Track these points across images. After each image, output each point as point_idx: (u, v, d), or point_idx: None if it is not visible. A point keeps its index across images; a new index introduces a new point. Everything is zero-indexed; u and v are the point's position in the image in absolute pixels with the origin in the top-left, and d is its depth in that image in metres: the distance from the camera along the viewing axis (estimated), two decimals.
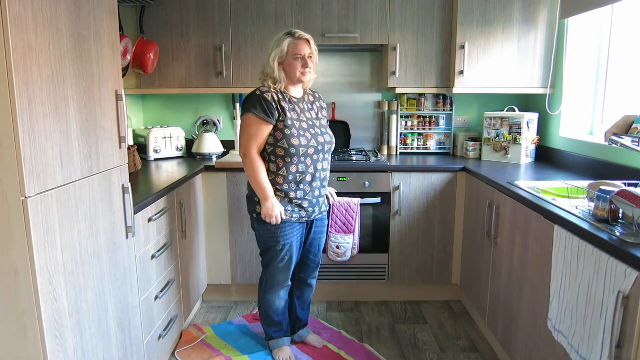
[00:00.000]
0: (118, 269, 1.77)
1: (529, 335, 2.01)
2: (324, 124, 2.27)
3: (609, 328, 1.40)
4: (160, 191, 2.20)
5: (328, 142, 2.24)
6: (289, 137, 2.11)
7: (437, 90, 3.20)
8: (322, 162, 2.24)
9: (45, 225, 1.33)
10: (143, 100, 3.50)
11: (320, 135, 2.21)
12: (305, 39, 2.13)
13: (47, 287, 1.34)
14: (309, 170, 2.19)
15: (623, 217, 1.60)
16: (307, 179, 2.19)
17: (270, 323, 2.43)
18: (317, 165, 2.21)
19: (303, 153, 2.14)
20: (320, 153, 2.20)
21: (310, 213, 2.25)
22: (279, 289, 2.34)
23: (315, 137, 2.18)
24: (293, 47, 2.11)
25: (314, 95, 2.32)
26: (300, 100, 2.22)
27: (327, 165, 2.29)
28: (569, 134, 2.91)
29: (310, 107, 2.26)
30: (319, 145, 2.19)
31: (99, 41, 1.62)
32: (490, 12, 2.98)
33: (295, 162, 2.14)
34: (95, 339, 1.60)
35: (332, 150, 2.31)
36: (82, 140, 1.52)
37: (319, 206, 2.28)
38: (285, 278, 2.32)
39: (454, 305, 3.08)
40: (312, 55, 2.15)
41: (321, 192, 2.27)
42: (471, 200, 2.80)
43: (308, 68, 2.14)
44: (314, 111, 2.26)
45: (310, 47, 2.14)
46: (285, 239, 2.21)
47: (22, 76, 1.23)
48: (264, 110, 2.09)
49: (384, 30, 3.06)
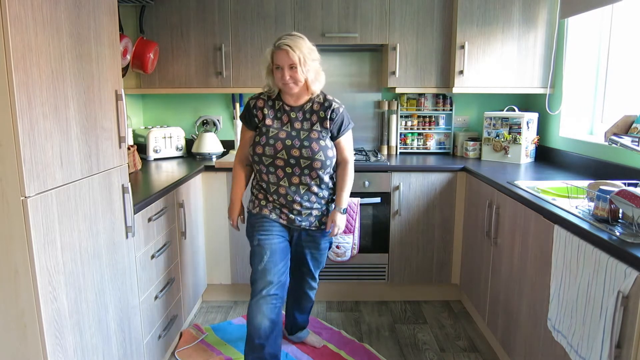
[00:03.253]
0: (118, 269, 1.77)
1: (529, 335, 2.01)
2: (314, 137, 2.04)
3: (609, 328, 1.40)
4: (160, 191, 2.20)
5: (307, 157, 2.02)
6: (254, 146, 2.06)
7: (437, 90, 3.20)
8: (302, 177, 2.06)
9: (45, 225, 1.33)
10: (143, 100, 3.50)
11: (296, 148, 2.02)
12: (284, 49, 1.94)
13: (47, 287, 1.34)
14: (282, 183, 2.07)
15: (623, 217, 1.60)
16: (281, 191, 2.08)
17: (248, 345, 2.07)
18: (293, 180, 2.06)
19: (269, 164, 2.04)
20: (295, 167, 2.04)
21: (292, 220, 2.13)
22: (259, 298, 2.05)
23: (289, 150, 2.02)
24: (274, 57, 1.99)
25: (324, 105, 2.09)
26: (296, 109, 2.08)
27: (309, 181, 2.07)
28: (568, 134, 2.91)
29: (308, 117, 2.08)
30: (290, 159, 2.02)
31: (99, 41, 1.62)
32: (490, 12, 2.98)
33: (264, 171, 2.07)
34: (95, 339, 1.60)
35: (325, 167, 2.07)
36: (82, 140, 1.52)
37: (302, 219, 2.13)
38: (265, 284, 2.06)
39: (454, 305, 3.08)
40: (294, 66, 1.95)
41: (304, 205, 2.11)
42: (471, 200, 2.80)
43: (288, 78, 1.96)
44: (309, 122, 2.07)
45: (291, 56, 1.94)
46: (260, 234, 2.10)
47: (22, 76, 1.23)
48: (244, 115, 2.13)
49: (384, 30, 3.06)
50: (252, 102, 2.10)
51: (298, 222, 2.13)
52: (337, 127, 2.09)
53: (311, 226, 2.17)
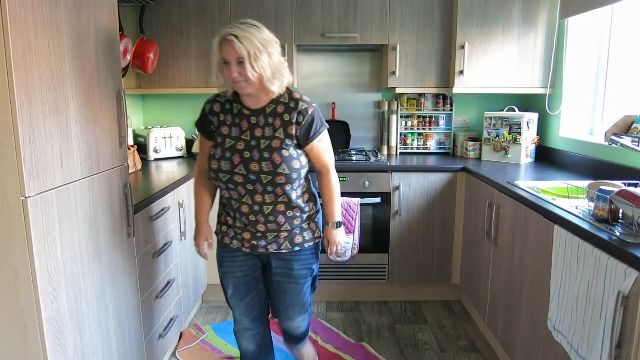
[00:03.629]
0: (118, 269, 1.77)
1: (529, 335, 2.01)
2: (275, 147, 1.68)
3: (609, 328, 1.40)
4: (160, 191, 2.20)
5: (267, 172, 1.68)
6: (209, 160, 1.74)
7: (437, 90, 3.20)
8: (265, 196, 1.73)
9: (45, 225, 1.33)
10: (143, 100, 3.50)
11: (255, 161, 1.68)
12: (229, 40, 1.58)
13: (47, 287, 1.34)
14: (244, 201, 1.75)
15: (623, 217, 1.60)
16: (244, 210, 1.77)
17: None
18: (256, 198, 1.73)
19: (227, 180, 1.72)
20: (257, 184, 1.70)
21: (255, 246, 1.80)
22: (240, 327, 1.98)
23: (247, 164, 1.69)
24: (222, 49, 1.62)
25: (288, 106, 1.71)
26: (256, 112, 1.73)
27: (274, 199, 1.74)
28: (569, 134, 2.91)
29: (270, 122, 1.71)
30: (250, 174, 1.69)
31: (99, 41, 1.62)
32: (490, 12, 2.98)
33: (223, 188, 1.77)
34: (95, 338, 1.60)
35: (291, 181, 1.71)
36: (82, 140, 1.52)
37: (268, 242, 1.80)
38: (240, 316, 1.94)
39: (454, 305, 3.08)
40: (242, 61, 1.58)
41: (269, 227, 1.78)
42: (471, 200, 2.80)
43: (236, 75, 1.61)
44: (271, 128, 1.70)
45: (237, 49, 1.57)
46: (223, 267, 1.89)
47: (22, 76, 1.23)
48: (198, 122, 1.85)
49: (384, 31, 3.06)
50: (208, 107, 1.80)
51: (262, 246, 1.80)
52: (305, 131, 1.72)
53: (280, 248, 1.81)
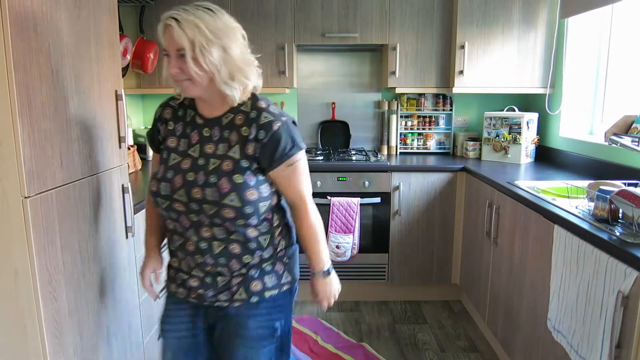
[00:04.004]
0: (118, 269, 1.77)
1: (529, 335, 2.01)
2: (225, 170, 1.26)
3: (609, 328, 1.40)
4: None
5: (212, 202, 1.25)
6: (151, 179, 1.36)
7: (437, 90, 3.20)
8: (213, 229, 1.30)
9: (45, 225, 1.33)
10: (143, 100, 3.50)
11: (198, 187, 1.26)
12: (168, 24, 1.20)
13: (47, 287, 1.33)
14: (189, 236, 1.33)
15: (623, 217, 1.60)
16: (189, 248, 1.35)
17: None
18: (202, 232, 1.31)
19: (166, 207, 1.32)
20: (201, 215, 1.28)
21: (202, 296, 1.37)
22: None
23: (190, 189, 1.27)
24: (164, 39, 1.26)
25: (249, 117, 1.28)
26: (211, 122, 1.32)
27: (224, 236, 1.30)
28: (568, 134, 2.91)
29: (225, 136, 1.29)
30: (192, 203, 1.27)
31: (99, 41, 1.62)
32: (490, 12, 2.98)
33: (165, 216, 1.36)
34: (95, 338, 1.60)
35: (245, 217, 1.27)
36: (82, 140, 1.52)
37: (217, 292, 1.36)
38: None
39: (454, 305, 3.08)
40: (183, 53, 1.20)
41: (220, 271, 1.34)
42: (471, 200, 2.80)
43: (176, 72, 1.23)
44: (225, 144, 1.29)
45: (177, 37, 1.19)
46: (166, 324, 1.45)
47: (22, 76, 1.23)
48: (149, 131, 1.47)
49: (384, 31, 3.06)
50: (158, 111, 1.41)
51: (210, 297, 1.37)
52: (268, 152, 1.27)
53: (233, 298, 1.36)
